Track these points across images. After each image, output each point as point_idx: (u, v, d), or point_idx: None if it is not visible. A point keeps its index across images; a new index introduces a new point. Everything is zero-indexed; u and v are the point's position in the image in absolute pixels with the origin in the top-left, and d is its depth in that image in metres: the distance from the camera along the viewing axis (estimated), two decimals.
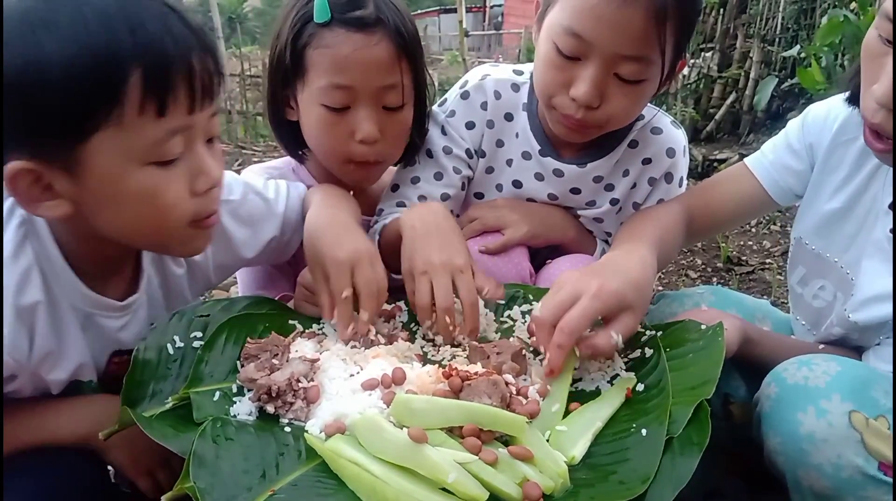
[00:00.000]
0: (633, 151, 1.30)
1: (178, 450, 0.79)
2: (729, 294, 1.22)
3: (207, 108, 0.89)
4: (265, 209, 1.20)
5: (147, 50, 0.81)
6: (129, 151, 0.83)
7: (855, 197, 1.13)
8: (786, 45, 4.47)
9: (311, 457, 0.81)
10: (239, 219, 1.16)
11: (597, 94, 1.11)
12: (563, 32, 1.09)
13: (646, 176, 1.31)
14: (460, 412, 0.81)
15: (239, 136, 5.75)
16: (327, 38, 1.18)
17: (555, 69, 1.13)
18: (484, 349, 0.98)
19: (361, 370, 0.94)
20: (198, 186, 0.90)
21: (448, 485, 0.73)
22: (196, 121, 0.88)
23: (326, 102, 1.20)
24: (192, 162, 0.89)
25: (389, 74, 1.20)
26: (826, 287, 1.18)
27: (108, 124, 0.81)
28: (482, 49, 17.65)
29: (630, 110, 1.18)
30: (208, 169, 0.91)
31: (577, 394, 0.94)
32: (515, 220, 1.28)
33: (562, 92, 1.14)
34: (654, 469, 0.77)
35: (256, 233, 1.19)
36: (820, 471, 0.86)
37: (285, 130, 1.32)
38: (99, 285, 0.98)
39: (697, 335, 0.97)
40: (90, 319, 0.99)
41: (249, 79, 6.17)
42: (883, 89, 0.92)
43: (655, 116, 1.31)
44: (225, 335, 1.00)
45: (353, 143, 1.23)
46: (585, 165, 1.30)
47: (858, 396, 0.87)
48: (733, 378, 1.09)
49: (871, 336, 1.09)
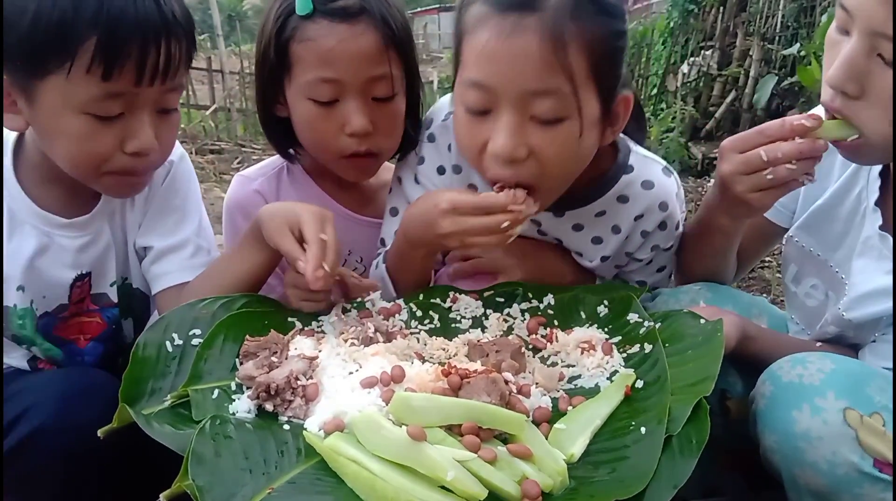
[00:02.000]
0: (624, 206, 1.21)
1: (177, 448, 0.78)
2: (726, 291, 1.22)
3: (161, 84, 1.00)
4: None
5: (106, 22, 0.94)
6: (71, 99, 0.97)
7: (841, 195, 1.14)
8: (786, 43, 4.48)
9: (309, 455, 0.81)
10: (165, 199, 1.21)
11: (516, 142, 1.01)
12: (467, 88, 1.03)
13: (638, 230, 1.23)
14: (459, 409, 0.81)
15: (239, 134, 5.74)
16: (311, 30, 1.16)
17: (471, 130, 1.05)
18: (483, 347, 0.98)
19: (360, 367, 0.94)
20: (127, 145, 1.02)
21: (447, 483, 0.73)
22: (143, 92, 0.99)
23: (314, 97, 1.19)
24: (129, 125, 1.01)
25: (377, 65, 1.18)
26: (818, 286, 1.18)
27: (59, 73, 0.96)
28: None
29: (563, 160, 1.05)
30: (141, 135, 1.02)
31: (576, 391, 0.94)
32: (510, 265, 1.22)
33: (485, 154, 1.05)
34: (653, 467, 0.77)
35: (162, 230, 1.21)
36: (815, 469, 0.86)
37: (276, 128, 1.31)
38: (53, 204, 1.11)
39: (697, 330, 0.97)
40: (49, 237, 1.10)
41: (249, 77, 6.16)
42: (833, 72, 0.94)
43: (645, 168, 1.22)
44: (224, 333, 1.00)
45: (344, 137, 1.21)
46: (563, 214, 1.22)
47: (853, 393, 0.87)
48: (730, 374, 1.09)
49: (866, 334, 1.09)
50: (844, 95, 0.95)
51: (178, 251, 1.19)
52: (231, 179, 1.46)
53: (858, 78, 0.93)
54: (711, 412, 0.81)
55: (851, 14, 0.91)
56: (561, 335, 1.05)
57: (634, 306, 1.05)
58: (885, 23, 0.88)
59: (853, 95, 0.94)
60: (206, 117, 5.98)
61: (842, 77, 0.93)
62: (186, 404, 0.88)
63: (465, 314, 1.13)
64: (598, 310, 1.09)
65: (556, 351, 1.03)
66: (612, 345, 1.01)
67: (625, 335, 1.03)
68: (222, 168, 4.44)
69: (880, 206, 1.07)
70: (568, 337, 1.04)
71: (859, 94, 0.93)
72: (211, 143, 5.39)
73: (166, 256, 1.18)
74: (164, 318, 1.02)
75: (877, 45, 0.90)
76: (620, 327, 1.05)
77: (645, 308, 1.07)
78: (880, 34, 0.89)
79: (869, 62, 0.91)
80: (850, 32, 0.93)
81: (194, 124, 5.88)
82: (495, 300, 1.16)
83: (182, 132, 5.62)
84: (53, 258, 1.11)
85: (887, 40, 0.88)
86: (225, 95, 6.15)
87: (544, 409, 0.89)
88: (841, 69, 0.93)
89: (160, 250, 1.18)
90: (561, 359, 1.02)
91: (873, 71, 0.91)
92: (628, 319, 1.04)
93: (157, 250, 1.18)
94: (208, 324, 1.02)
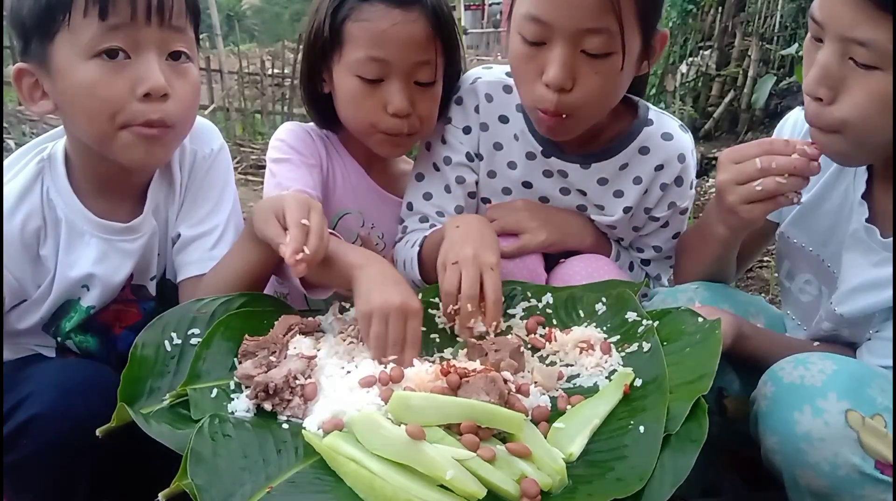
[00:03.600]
0: (645, 157, 1.29)
1: (176, 447, 0.79)
2: (723, 290, 1.22)
3: (160, 22, 1.02)
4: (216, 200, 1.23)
5: None
6: (77, 46, 1.00)
7: (827, 189, 1.15)
8: (784, 43, 4.48)
9: (308, 454, 0.81)
10: (195, 182, 1.21)
11: (567, 74, 1.10)
12: (525, 20, 1.11)
13: (658, 182, 1.31)
14: (458, 408, 0.81)
15: (237, 134, 5.74)
16: (367, 12, 1.23)
17: (525, 60, 1.15)
18: (482, 346, 0.98)
19: (359, 367, 0.94)
20: (138, 88, 1.02)
21: (446, 482, 0.73)
22: (143, 31, 1.01)
23: (361, 74, 1.25)
24: (136, 67, 1.02)
25: (424, 51, 1.25)
26: (811, 281, 1.19)
27: (64, 27, 0.99)
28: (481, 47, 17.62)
29: (604, 89, 1.15)
30: (149, 75, 1.02)
31: (575, 390, 0.94)
32: (534, 227, 1.28)
33: (536, 82, 1.14)
34: (651, 465, 0.77)
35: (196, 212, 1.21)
36: (817, 470, 0.86)
37: (318, 103, 1.37)
38: (108, 211, 1.13)
39: (695, 327, 0.97)
40: (110, 244, 1.12)
41: (247, 76, 6.16)
42: (808, 79, 0.97)
43: (664, 121, 1.31)
44: (223, 333, 1.00)
45: (384, 115, 1.27)
46: (589, 166, 1.30)
47: (855, 394, 0.87)
48: (727, 372, 1.09)
49: (861, 331, 1.09)
50: (818, 101, 0.97)
51: (201, 241, 1.19)
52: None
53: (832, 83, 0.94)
54: (709, 411, 0.81)
55: (822, 23, 0.94)
56: (559, 335, 1.05)
57: (632, 304, 1.05)
58: (853, 27, 0.90)
59: (826, 100, 0.96)
60: (204, 117, 5.97)
61: (815, 83, 0.96)
62: (185, 403, 0.88)
63: None
64: (597, 308, 1.09)
65: (555, 351, 1.03)
66: (611, 345, 1.01)
67: (623, 334, 1.03)
68: None
69: (867, 199, 1.08)
70: (566, 337, 1.04)
71: (832, 99, 0.95)
72: None
73: (190, 245, 1.19)
74: (162, 317, 1.02)
75: (847, 49, 0.92)
76: (619, 325, 1.05)
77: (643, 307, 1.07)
78: (850, 39, 0.91)
79: (842, 67, 0.93)
80: (823, 40, 0.95)
81: None
82: None
83: None
84: (115, 262, 1.13)
85: (857, 44, 0.90)
86: (223, 95, 6.13)
87: (543, 408, 0.89)
88: (815, 75, 0.96)
89: (186, 239, 1.19)
90: (560, 358, 1.02)
91: (847, 76, 0.93)
92: (626, 317, 1.04)
93: (183, 239, 1.19)
94: (207, 323, 1.02)
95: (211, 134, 1.28)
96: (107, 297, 1.15)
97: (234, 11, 21.34)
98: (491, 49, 16.57)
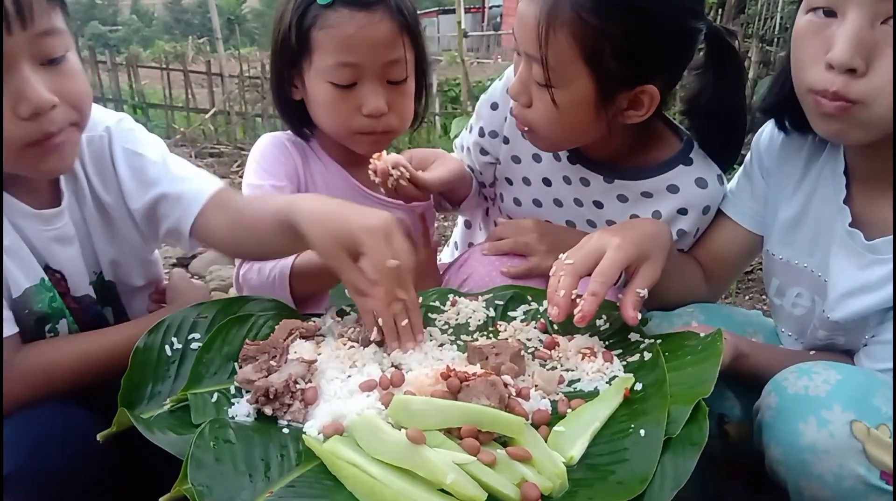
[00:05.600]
0: (672, 196, 1.26)
1: (176, 452, 0.78)
2: (718, 311, 1.23)
3: (26, 28, 0.88)
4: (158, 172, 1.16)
5: None
6: None
7: (806, 201, 1.14)
8: (784, 45, 4.48)
9: (309, 459, 0.81)
10: (128, 159, 1.14)
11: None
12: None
13: (676, 226, 1.27)
14: (458, 413, 0.81)
15: (238, 137, 5.74)
16: (332, 18, 1.24)
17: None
18: (482, 350, 0.97)
19: (359, 371, 0.94)
20: (20, 110, 0.90)
21: (446, 486, 0.73)
22: (10, 43, 0.87)
23: (334, 80, 1.26)
24: (13, 86, 0.90)
25: (393, 50, 1.26)
26: (802, 294, 1.17)
27: None
28: (481, 50, 17.64)
29: (549, 116, 1.16)
30: (28, 93, 0.90)
31: (576, 394, 0.94)
32: (542, 251, 1.27)
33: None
34: (652, 469, 0.77)
35: (142, 183, 1.15)
36: (822, 481, 0.86)
37: (290, 110, 1.38)
38: (28, 198, 1.04)
39: (697, 341, 0.98)
40: (22, 232, 1.03)
41: (248, 80, 6.17)
42: (840, 51, 0.90)
43: (705, 167, 1.27)
44: (223, 337, 1.00)
45: (360, 117, 1.29)
46: (612, 181, 1.29)
47: (859, 405, 0.86)
48: (728, 398, 1.09)
49: (856, 336, 1.08)
50: (850, 73, 0.91)
51: (188, 180, 1.16)
52: (230, 183, 1.48)
53: (866, 52, 0.90)
54: (710, 436, 0.80)
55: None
56: (562, 340, 1.05)
57: (634, 327, 1.05)
58: None
59: (861, 71, 0.91)
60: (205, 121, 5.99)
61: (850, 53, 0.90)
62: (186, 408, 0.88)
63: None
64: (598, 324, 1.09)
65: (557, 356, 1.03)
66: (613, 355, 1.01)
67: (625, 348, 1.03)
68: (222, 171, 4.43)
69: (847, 204, 1.07)
70: (569, 343, 1.04)
71: (866, 69, 0.91)
72: (210, 146, 5.40)
73: (179, 187, 1.15)
74: (162, 321, 1.01)
75: (879, 10, 0.88)
76: (620, 341, 1.05)
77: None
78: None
79: (874, 32, 0.89)
80: (840, 12, 0.91)
81: (194, 128, 5.88)
82: (495, 303, 1.16)
83: (182, 136, 5.64)
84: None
85: (888, 1, 0.86)
86: (224, 99, 6.15)
87: (543, 412, 0.89)
88: (849, 45, 0.90)
89: (168, 192, 1.14)
90: (560, 363, 1.02)
91: (879, 41, 0.89)
92: (629, 337, 1.05)
93: (167, 194, 1.14)
94: (207, 328, 1.02)
95: (96, 118, 1.12)
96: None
97: (235, 15, 21.37)
98: (491, 52, 16.56)
